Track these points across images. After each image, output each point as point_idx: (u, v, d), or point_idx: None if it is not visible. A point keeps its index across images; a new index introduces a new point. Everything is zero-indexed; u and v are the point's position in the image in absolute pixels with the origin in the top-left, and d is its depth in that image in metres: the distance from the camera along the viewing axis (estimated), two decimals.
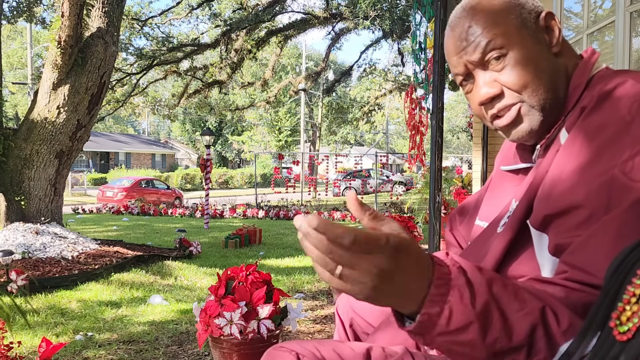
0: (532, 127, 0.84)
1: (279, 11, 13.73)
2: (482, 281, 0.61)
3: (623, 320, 0.50)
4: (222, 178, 30.97)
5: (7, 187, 5.57)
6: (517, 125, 0.86)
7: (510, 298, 0.62)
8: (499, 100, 0.85)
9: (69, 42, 5.31)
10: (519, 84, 0.82)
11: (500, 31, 0.82)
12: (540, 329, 0.62)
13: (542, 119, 0.84)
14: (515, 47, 0.82)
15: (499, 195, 0.98)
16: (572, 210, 0.73)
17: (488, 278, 0.62)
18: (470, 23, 0.85)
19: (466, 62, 0.86)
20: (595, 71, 0.85)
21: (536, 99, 0.82)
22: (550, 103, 0.83)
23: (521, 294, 0.63)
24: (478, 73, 0.86)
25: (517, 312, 0.61)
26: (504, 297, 0.62)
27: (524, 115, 0.84)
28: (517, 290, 0.63)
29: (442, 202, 4.42)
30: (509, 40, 0.82)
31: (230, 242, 6.69)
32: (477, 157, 5.51)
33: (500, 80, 0.83)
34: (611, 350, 0.51)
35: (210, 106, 20.43)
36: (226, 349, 2.18)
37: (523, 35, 0.83)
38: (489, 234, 0.92)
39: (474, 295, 0.60)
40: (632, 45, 2.81)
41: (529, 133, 0.85)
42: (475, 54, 0.84)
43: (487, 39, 0.83)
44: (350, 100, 29.96)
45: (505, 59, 0.82)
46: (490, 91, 0.84)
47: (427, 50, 3.31)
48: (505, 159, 1.02)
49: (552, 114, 0.84)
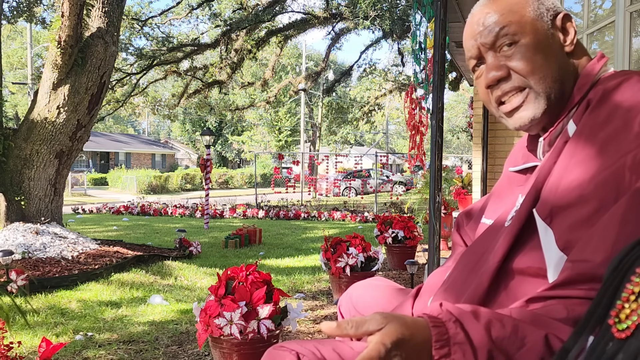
0: (535, 114, 0.87)
1: (279, 11, 13.72)
2: (481, 329, 0.62)
3: (622, 318, 0.51)
4: (222, 178, 30.96)
5: (7, 187, 5.57)
6: (520, 111, 0.88)
7: (511, 338, 0.62)
8: (505, 82, 0.88)
9: (69, 42, 5.31)
10: (526, 69, 0.85)
11: (515, 19, 0.86)
12: (548, 358, 0.62)
13: (546, 108, 0.86)
14: (528, 36, 0.85)
15: (506, 195, 1.00)
16: (581, 203, 0.74)
17: (486, 322, 0.63)
18: (489, 10, 0.89)
19: (479, 44, 0.90)
20: (602, 73, 0.87)
21: (542, 86, 0.85)
22: (556, 94, 0.86)
23: (522, 330, 0.63)
24: (489, 56, 0.89)
25: (520, 349, 0.62)
26: (504, 339, 0.62)
27: (529, 102, 0.87)
28: (517, 326, 0.64)
29: (442, 202, 4.42)
30: (522, 28, 0.86)
31: (230, 242, 6.69)
32: (477, 157, 5.51)
33: (509, 64, 0.87)
34: (609, 347, 0.51)
35: (210, 106, 20.43)
36: (226, 349, 2.18)
37: (537, 27, 0.86)
38: (496, 229, 0.93)
39: (475, 349, 0.61)
40: (632, 45, 2.81)
41: (531, 120, 0.87)
42: (489, 37, 0.88)
43: (501, 25, 0.87)
44: (350, 100, 29.95)
45: (516, 46, 0.86)
46: (497, 73, 0.87)
47: (427, 50, 3.30)
48: (513, 161, 1.04)
49: (557, 106, 0.86)
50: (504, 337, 0.62)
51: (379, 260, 3.88)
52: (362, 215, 10.90)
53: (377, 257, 3.88)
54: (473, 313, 0.64)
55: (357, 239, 3.88)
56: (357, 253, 3.72)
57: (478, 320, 0.63)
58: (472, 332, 0.62)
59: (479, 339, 0.61)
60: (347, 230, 8.46)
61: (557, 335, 0.64)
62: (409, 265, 4.35)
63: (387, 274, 4.88)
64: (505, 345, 0.62)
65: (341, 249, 3.71)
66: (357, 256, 3.70)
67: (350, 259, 3.65)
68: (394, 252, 5.19)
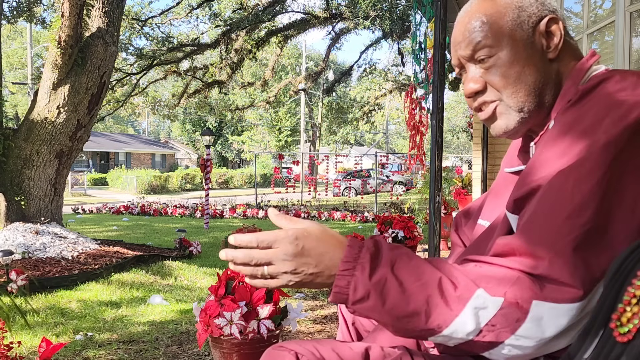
0: (508, 125, 0.88)
1: (279, 11, 13.72)
2: (387, 257, 0.73)
3: (623, 322, 0.51)
4: (222, 178, 30.96)
5: (7, 187, 5.57)
6: (494, 121, 0.90)
7: (409, 272, 0.72)
8: (481, 95, 0.89)
9: (69, 42, 5.31)
10: (499, 84, 0.86)
11: (492, 31, 0.86)
12: (437, 296, 0.69)
13: (520, 120, 0.87)
14: (504, 49, 0.85)
15: (502, 196, 1.00)
16: (533, 192, 0.76)
17: (395, 254, 0.73)
18: (470, 19, 0.89)
19: (459, 56, 0.91)
20: (592, 73, 0.86)
21: (514, 100, 0.86)
22: (530, 106, 0.86)
23: (422, 268, 0.72)
24: (469, 67, 0.91)
25: (414, 282, 0.70)
26: (403, 270, 0.72)
27: (500, 113, 0.88)
28: (420, 265, 0.73)
29: (442, 202, 4.42)
30: (498, 42, 0.85)
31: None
32: (477, 157, 5.51)
33: (485, 78, 0.88)
34: (612, 351, 0.51)
35: (210, 106, 20.42)
36: (226, 349, 2.18)
37: (515, 38, 0.85)
38: (491, 232, 0.94)
39: (373, 269, 0.71)
40: (632, 45, 2.81)
41: (505, 131, 0.89)
42: (467, 50, 0.89)
43: (478, 39, 0.87)
44: (350, 100, 29.95)
45: (492, 59, 0.86)
46: (474, 86, 0.89)
47: (427, 50, 3.30)
48: (509, 161, 1.04)
49: (533, 117, 0.87)
50: (404, 269, 0.72)
51: None
52: (362, 215, 10.91)
53: None
54: (392, 247, 0.74)
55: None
56: None
57: (392, 252, 0.73)
58: (379, 257, 0.73)
59: (380, 263, 0.72)
60: (347, 230, 8.46)
61: (451, 279, 0.71)
62: None
63: None
64: (402, 275, 0.71)
65: None
66: None
67: None
68: None
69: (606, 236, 0.67)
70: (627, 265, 0.55)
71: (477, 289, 0.69)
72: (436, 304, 0.69)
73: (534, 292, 0.67)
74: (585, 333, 0.58)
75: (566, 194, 0.70)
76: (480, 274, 0.71)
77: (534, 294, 0.67)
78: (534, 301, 0.66)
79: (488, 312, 0.68)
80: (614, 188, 0.68)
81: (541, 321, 0.66)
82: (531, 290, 0.67)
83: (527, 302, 0.66)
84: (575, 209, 0.68)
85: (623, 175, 0.69)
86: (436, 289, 0.70)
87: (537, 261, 0.68)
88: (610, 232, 0.67)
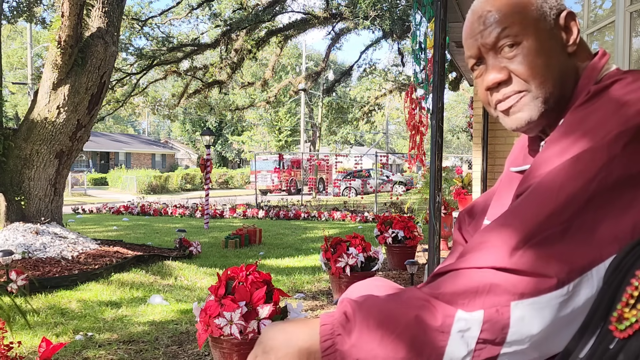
0: (532, 117, 0.85)
1: (279, 11, 13.72)
2: (358, 321, 0.71)
3: (622, 319, 0.51)
4: (222, 178, 30.96)
5: (7, 187, 5.57)
6: (515, 113, 0.87)
7: (384, 325, 0.70)
8: (505, 85, 0.86)
9: (69, 42, 5.31)
10: (527, 72, 0.83)
11: (517, 19, 0.83)
12: (420, 334, 0.68)
13: (543, 112, 0.84)
14: (530, 37, 0.83)
15: (507, 195, 0.99)
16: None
17: (363, 315, 0.71)
18: (490, 8, 0.86)
19: (480, 45, 0.87)
20: (605, 72, 0.85)
21: (542, 90, 0.83)
22: (555, 99, 0.84)
23: (393, 313, 0.70)
24: (489, 57, 0.87)
25: (392, 333, 0.69)
26: (376, 329, 0.70)
27: (526, 104, 0.85)
28: (390, 311, 0.71)
29: (442, 202, 4.42)
30: (524, 30, 0.83)
31: (230, 242, 6.69)
32: (477, 157, 5.51)
33: (509, 68, 0.84)
34: (610, 348, 0.51)
35: (210, 106, 20.42)
36: (226, 349, 2.18)
37: (539, 28, 0.84)
38: None
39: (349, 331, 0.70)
40: (632, 45, 2.81)
41: (527, 122, 0.86)
42: (490, 37, 0.85)
43: (503, 25, 0.84)
44: (350, 100, 29.95)
45: (518, 47, 0.83)
46: (498, 76, 0.85)
47: (427, 50, 3.30)
48: (515, 160, 1.03)
49: (554, 110, 0.85)
50: (375, 325, 0.70)
51: (379, 260, 3.88)
52: (362, 215, 10.90)
53: (377, 257, 3.88)
54: (358, 304, 0.73)
55: (357, 239, 3.88)
56: (357, 253, 3.72)
57: (360, 311, 0.72)
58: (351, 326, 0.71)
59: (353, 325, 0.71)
60: (347, 230, 8.46)
61: (430, 311, 0.69)
62: (409, 265, 4.35)
63: (387, 274, 4.88)
64: (379, 331, 0.69)
65: (341, 249, 3.71)
66: (357, 256, 3.70)
67: (350, 259, 3.65)
68: (394, 252, 5.19)
69: (590, 235, 0.67)
70: (625, 265, 0.55)
71: (456, 311, 0.68)
72: (423, 343, 0.68)
73: (509, 294, 0.66)
74: (582, 331, 0.58)
75: (553, 191, 0.70)
76: (454, 291, 0.70)
77: (510, 296, 0.66)
78: (511, 303, 0.66)
79: (473, 331, 0.67)
80: (605, 190, 0.68)
81: (524, 320, 0.65)
82: (506, 293, 0.66)
83: (505, 306, 0.66)
84: (559, 206, 0.68)
85: (616, 178, 0.68)
86: (417, 328, 0.68)
87: (510, 253, 0.67)
88: (596, 231, 0.67)
